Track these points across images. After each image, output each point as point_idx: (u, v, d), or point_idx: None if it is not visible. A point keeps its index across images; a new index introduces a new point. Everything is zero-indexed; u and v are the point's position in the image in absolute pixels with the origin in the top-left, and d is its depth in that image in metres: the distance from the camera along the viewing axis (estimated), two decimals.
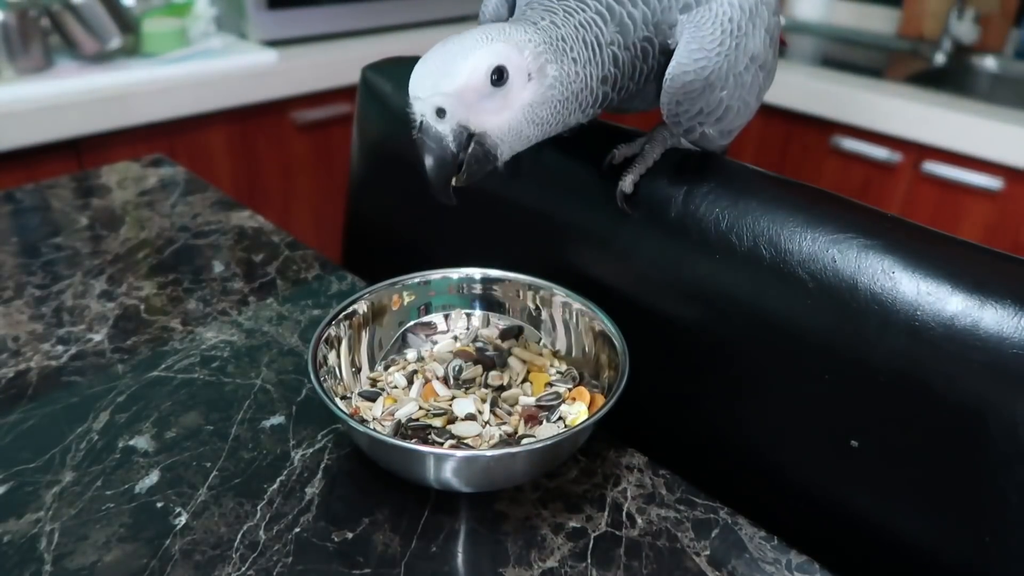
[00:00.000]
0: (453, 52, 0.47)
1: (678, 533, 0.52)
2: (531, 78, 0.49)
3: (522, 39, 0.48)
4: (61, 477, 0.53)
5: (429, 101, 0.47)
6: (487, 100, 0.47)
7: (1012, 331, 0.46)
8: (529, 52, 0.48)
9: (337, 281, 0.78)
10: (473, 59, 0.46)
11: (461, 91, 0.46)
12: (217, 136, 1.51)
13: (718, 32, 0.53)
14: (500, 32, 0.48)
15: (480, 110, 0.48)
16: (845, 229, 0.53)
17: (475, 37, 0.48)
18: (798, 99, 1.69)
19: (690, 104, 0.54)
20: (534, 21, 0.50)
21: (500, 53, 0.47)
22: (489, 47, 0.47)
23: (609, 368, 0.57)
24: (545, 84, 0.50)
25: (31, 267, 0.78)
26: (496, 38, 0.48)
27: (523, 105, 0.49)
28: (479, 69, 0.46)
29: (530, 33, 0.49)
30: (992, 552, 0.48)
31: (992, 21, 1.89)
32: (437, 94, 0.47)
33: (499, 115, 0.48)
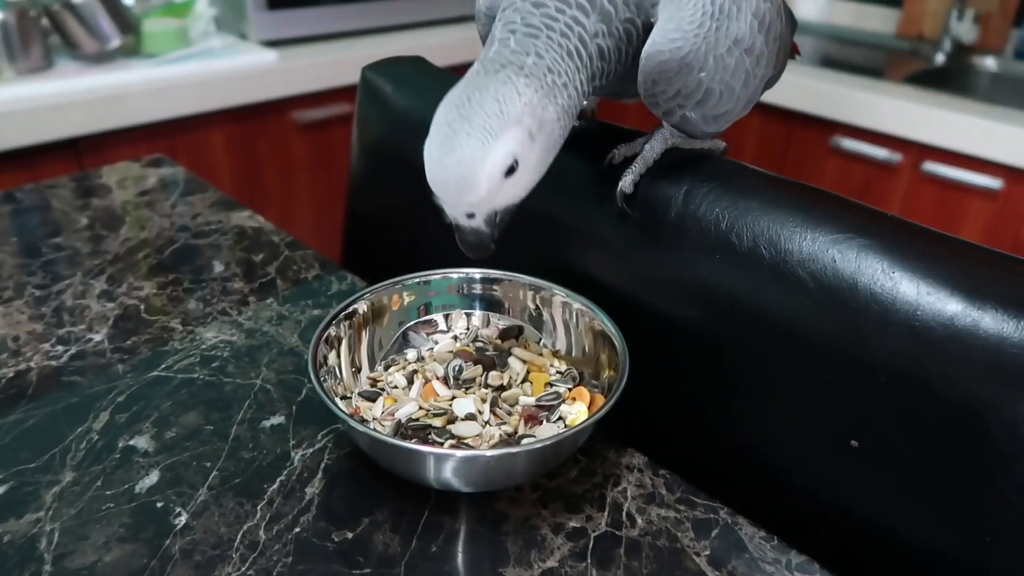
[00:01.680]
0: (465, 162, 0.46)
1: (678, 533, 0.52)
2: (534, 137, 0.49)
3: (519, 109, 0.47)
4: (61, 477, 0.53)
5: (457, 208, 0.49)
6: (504, 187, 0.49)
7: (1012, 331, 0.46)
8: (528, 116, 0.48)
9: (337, 281, 0.78)
10: (487, 169, 0.46)
11: (484, 198, 0.48)
12: (217, 136, 1.51)
13: (698, 13, 0.52)
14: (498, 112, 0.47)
15: (501, 196, 0.49)
16: (845, 229, 0.53)
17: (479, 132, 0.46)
18: (798, 99, 1.69)
19: (666, 84, 0.53)
20: (520, 64, 0.48)
21: (509, 148, 0.47)
22: (498, 147, 0.46)
23: (609, 368, 0.57)
24: (546, 132, 0.50)
25: (31, 267, 0.78)
26: (498, 128, 0.46)
27: (533, 166, 0.50)
28: (495, 176, 0.47)
29: (523, 91, 0.48)
30: (992, 552, 0.48)
31: (992, 21, 1.89)
32: (462, 204, 0.49)
33: (516, 188, 0.50)
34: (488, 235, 0.51)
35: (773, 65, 0.61)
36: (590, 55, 0.51)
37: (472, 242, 0.52)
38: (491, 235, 0.51)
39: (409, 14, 1.84)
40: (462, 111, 0.47)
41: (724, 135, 0.64)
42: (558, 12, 0.50)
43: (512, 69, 0.48)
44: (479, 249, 0.52)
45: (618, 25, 0.52)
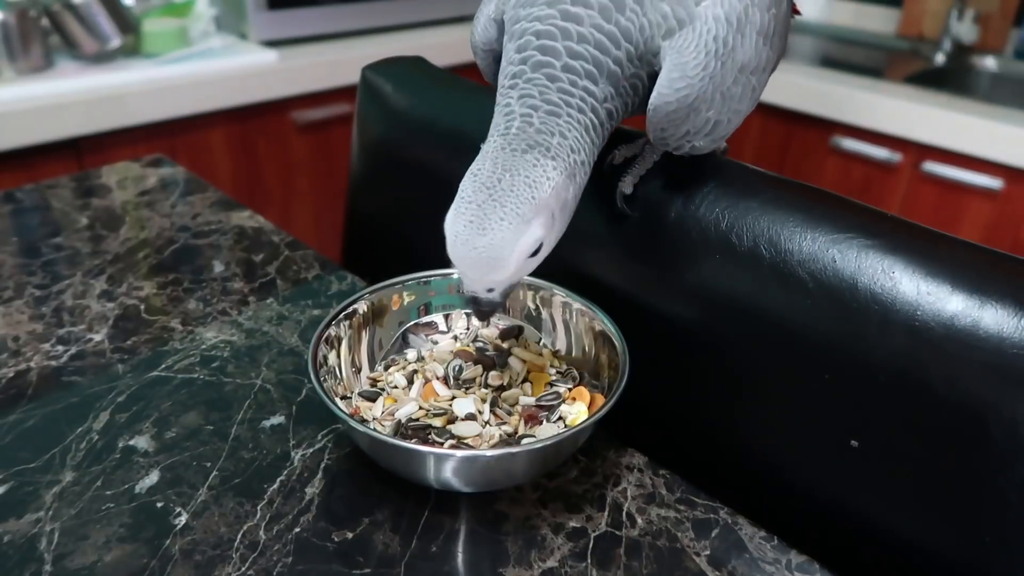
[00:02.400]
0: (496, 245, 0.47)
1: (678, 533, 0.52)
2: (556, 217, 0.49)
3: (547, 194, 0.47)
4: (61, 477, 0.53)
5: (478, 284, 0.50)
6: (528, 263, 0.50)
7: (1012, 331, 0.46)
8: (554, 200, 0.48)
9: (337, 281, 0.78)
10: (517, 253, 0.47)
11: (507, 279, 0.49)
12: (217, 136, 1.51)
13: (701, 56, 0.51)
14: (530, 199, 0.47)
15: (523, 271, 0.50)
16: (845, 229, 0.53)
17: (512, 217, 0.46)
18: (798, 99, 1.69)
19: (675, 129, 0.53)
20: (547, 146, 0.48)
21: (539, 232, 0.48)
22: (529, 233, 0.47)
23: (609, 368, 0.57)
24: (567, 210, 0.50)
25: (31, 267, 0.78)
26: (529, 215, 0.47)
27: (553, 242, 0.51)
28: (522, 258, 0.48)
29: (551, 176, 0.48)
30: (992, 552, 0.48)
31: (992, 21, 1.90)
32: (485, 281, 0.49)
33: (535, 265, 0.51)
34: (501, 304, 0.53)
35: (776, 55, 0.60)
36: (601, 123, 0.51)
37: (487, 311, 0.53)
38: (503, 303, 0.53)
39: (409, 14, 1.84)
40: (493, 193, 0.47)
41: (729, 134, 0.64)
42: (571, 85, 0.50)
43: (540, 151, 0.48)
44: (491, 315, 0.54)
45: (625, 84, 0.52)
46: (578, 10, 0.50)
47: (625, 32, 0.50)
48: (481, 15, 0.58)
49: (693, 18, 0.51)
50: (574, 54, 0.50)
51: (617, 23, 0.50)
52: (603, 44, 0.50)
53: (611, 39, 0.50)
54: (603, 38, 0.50)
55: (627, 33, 0.50)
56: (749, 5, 0.52)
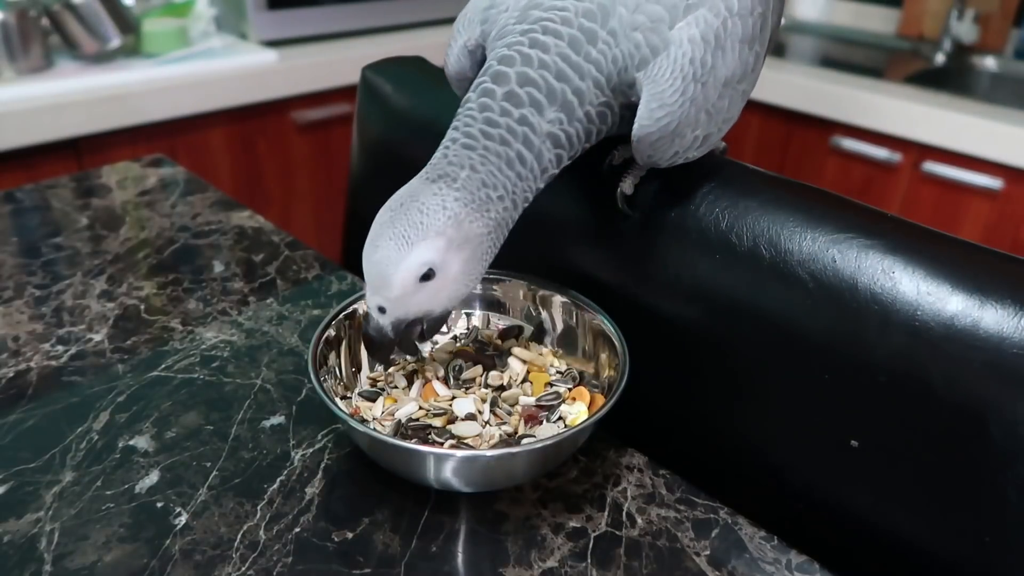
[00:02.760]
0: (383, 262, 0.49)
1: (678, 533, 0.52)
2: (458, 249, 0.50)
3: (441, 223, 0.48)
4: (61, 477, 0.53)
5: (373, 299, 0.51)
6: (419, 294, 0.50)
7: (1012, 331, 0.46)
8: (452, 229, 0.49)
9: (337, 281, 0.78)
10: (400, 272, 0.49)
11: (398, 298, 0.50)
12: (217, 136, 1.51)
13: (678, 82, 0.50)
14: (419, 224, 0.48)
15: (416, 303, 0.51)
16: (845, 229, 0.53)
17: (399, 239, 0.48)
18: (798, 99, 1.69)
19: (662, 152, 0.54)
20: (454, 177, 0.49)
21: (425, 256, 0.49)
22: (412, 256, 0.48)
23: (609, 368, 0.57)
24: (473, 245, 0.50)
25: (31, 267, 0.78)
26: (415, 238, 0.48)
27: (454, 277, 0.51)
28: (407, 279, 0.49)
29: (449, 206, 0.48)
30: (992, 552, 0.48)
31: (992, 21, 1.89)
32: (377, 296, 0.51)
33: (434, 298, 0.51)
34: (390, 340, 0.53)
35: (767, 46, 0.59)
36: (539, 152, 0.51)
37: (373, 337, 0.53)
38: (394, 341, 0.53)
39: (409, 14, 1.84)
40: (392, 215, 0.49)
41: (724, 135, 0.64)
42: (502, 115, 0.50)
43: (446, 181, 0.49)
44: (379, 348, 0.54)
45: (587, 110, 0.51)
46: (547, 39, 0.50)
47: (595, 63, 0.50)
48: (455, 45, 0.58)
49: (668, 43, 0.50)
50: (525, 80, 0.50)
51: (586, 55, 0.50)
52: (564, 73, 0.50)
53: (575, 69, 0.50)
54: (566, 67, 0.50)
55: (597, 64, 0.50)
56: (727, 18, 0.51)
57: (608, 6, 0.50)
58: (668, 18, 0.50)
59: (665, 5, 0.50)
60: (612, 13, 0.50)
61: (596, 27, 0.50)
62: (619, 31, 0.50)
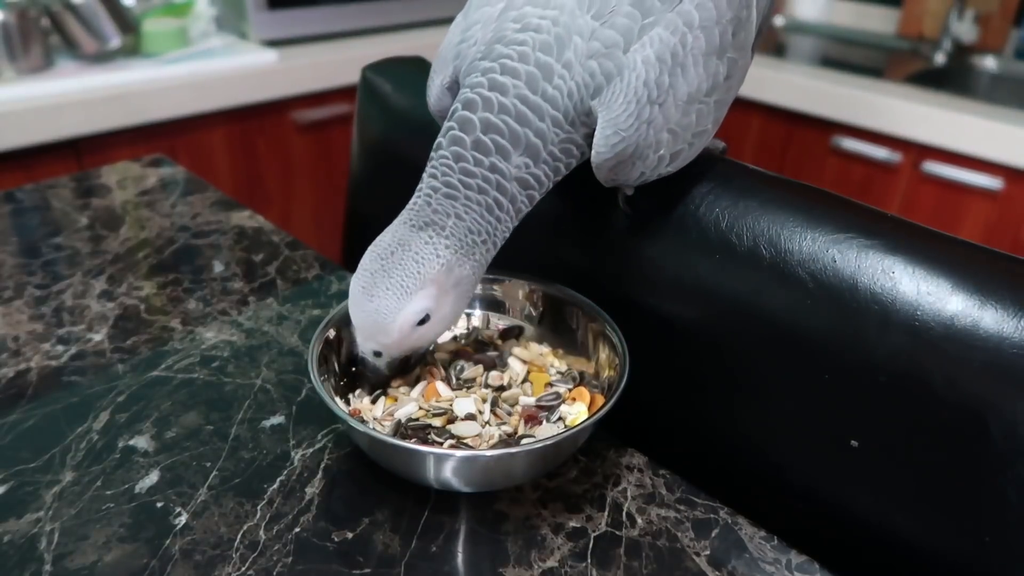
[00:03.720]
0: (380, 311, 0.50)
1: (678, 533, 0.52)
2: (448, 292, 0.52)
3: (435, 270, 0.50)
4: (61, 477, 0.53)
5: (367, 344, 0.53)
6: (414, 335, 0.52)
7: (1012, 331, 0.46)
8: (443, 275, 0.50)
9: (337, 281, 0.78)
10: (399, 321, 0.50)
11: (393, 343, 0.52)
12: (217, 136, 1.51)
13: (632, 106, 0.50)
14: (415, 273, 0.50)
15: (412, 341, 0.53)
16: (845, 229, 0.53)
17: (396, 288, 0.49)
18: (798, 99, 1.69)
19: (625, 176, 0.54)
20: (442, 226, 0.50)
21: (423, 304, 0.50)
22: (411, 305, 0.50)
23: (609, 368, 0.57)
24: (463, 287, 0.53)
25: (31, 267, 0.78)
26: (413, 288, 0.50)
27: (445, 317, 0.53)
28: (405, 326, 0.51)
29: (441, 253, 0.50)
30: (992, 552, 0.48)
31: (992, 21, 1.90)
32: (371, 342, 0.53)
33: (427, 337, 0.54)
34: (387, 377, 0.57)
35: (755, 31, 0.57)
36: (513, 197, 0.52)
37: (370, 375, 0.56)
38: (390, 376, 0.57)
39: (409, 14, 1.84)
40: (385, 264, 0.50)
41: (724, 135, 0.64)
42: (476, 165, 0.50)
43: (435, 229, 0.50)
44: (375, 379, 0.57)
45: (552, 149, 0.52)
46: (505, 80, 0.50)
47: (552, 100, 0.50)
48: (434, 84, 0.58)
49: (621, 68, 0.50)
50: (488, 127, 0.50)
51: (543, 93, 0.50)
52: (524, 116, 0.50)
53: (534, 110, 0.50)
54: (525, 109, 0.50)
55: (553, 101, 0.50)
56: (686, 33, 0.50)
57: (564, 36, 0.50)
58: (623, 42, 0.50)
59: (619, 29, 0.50)
60: (567, 44, 0.50)
61: (552, 60, 0.50)
62: (574, 61, 0.50)
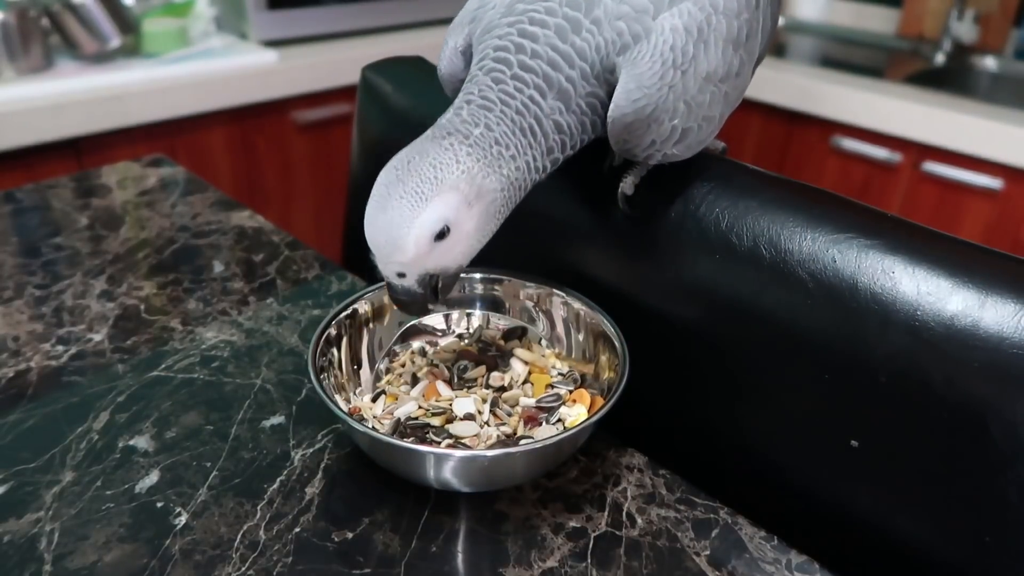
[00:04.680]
0: (395, 223, 0.47)
1: (678, 533, 0.52)
2: (471, 205, 0.49)
3: (455, 176, 0.48)
4: (61, 477, 0.53)
5: (388, 267, 0.50)
6: (435, 251, 0.49)
7: (1012, 331, 0.46)
8: (465, 183, 0.48)
9: (337, 281, 0.78)
10: (415, 232, 0.47)
11: (412, 260, 0.49)
12: (217, 136, 1.51)
13: (657, 66, 0.50)
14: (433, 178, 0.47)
15: (433, 260, 0.50)
16: (845, 229, 0.53)
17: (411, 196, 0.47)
18: (798, 99, 1.69)
19: (637, 139, 0.53)
20: (467, 133, 0.49)
21: (439, 212, 0.47)
22: (427, 212, 0.47)
23: (609, 370, 0.57)
24: (487, 201, 0.50)
25: (31, 267, 0.78)
26: (430, 193, 0.47)
27: (469, 234, 0.50)
28: (422, 239, 0.48)
29: (462, 159, 0.48)
30: (992, 552, 0.48)
31: (992, 21, 1.89)
32: (392, 263, 0.49)
33: (450, 254, 0.50)
34: (421, 295, 0.51)
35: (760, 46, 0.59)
36: (545, 132, 0.51)
37: (404, 300, 0.52)
38: (426, 295, 0.52)
39: (409, 14, 1.84)
40: (399, 174, 0.48)
41: (724, 135, 0.64)
42: (516, 91, 0.51)
43: (457, 137, 0.49)
44: (413, 307, 0.53)
45: (579, 101, 0.52)
46: (535, 29, 0.51)
47: (580, 52, 0.51)
48: (447, 47, 0.59)
49: (649, 32, 0.51)
50: (525, 67, 0.51)
51: (572, 43, 0.51)
52: (555, 61, 0.51)
53: (564, 58, 0.51)
54: (556, 56, 0.51)
55: (582, 53, 0.51)
56: (712, 14, 0.52)
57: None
58: (652, 9, 0.51)
59: None
60: (597, 3, 0.51)
61: (580, 16, 0.51)
62: (603, 20, 0.51)
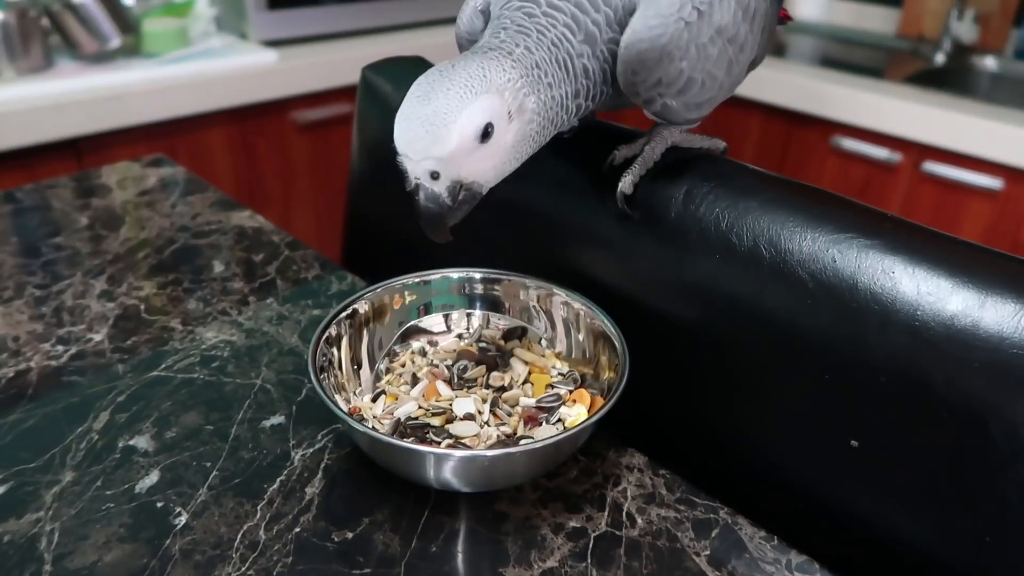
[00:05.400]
0: (440, 112, 0.46)
1: (678, 533, 0.52)
2: (512, 118, 0.48)
3: (502, 80, 0.47)
4: (61, 477, 0.53)
5: (421, 165, 0.47)
6: (475, 154, 0.48)
7: (1012, 331, 0.46)
8: (509, 92, 0.48)
9: (337, 281, 0.78)
10: (462, 121, 0.46)
11: (452, 155, 0.47)
12: (217, 136, 1.51)
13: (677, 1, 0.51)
14: (481, 76, 0.47)
15: (469, 164, 0.48)
16: (845, 229, 0.53)
17: (459, 88, 0.46)
18: (798, 99, 1.69)
19: (647, 74, 0.52)
20: (509, 50, 0.49)
21: (486, 109, 0.46)
22: (476, 104, 0.46)
23: (609, 370, 0.57)
24: (524, 120, 0.49)
25: (31, 267, 0.78)
26: (479, 88, 0.46)
27: (506, 148, 0.49)
28: (467, 132, 0.46)
29: (507, 69, 0.48)
30: (992, 552, 0.48)
31: (992, 21, 1.89)
32: (429, 158, 0.47)
33: (486, 163, 0.49)
34: (448, 207, 0.49)
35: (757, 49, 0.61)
36: (576, 72, 0.52)
37: (431, 210, 0.49)
38: (450, 209, 0.49)
39: (409, 14, 1.84)
40: (444, 74, 0.47)
41: (724, 135, 0.64)
42: (550, 25, 0.51)
43: (500, 52, 0.48)
44: (436, 224, 0.50)
45: (602, 47, 0.52)
46: None
47: None
48: (467, 6, 0.59)
49: None
50: (553, 6, 0.51)
51: None
52: (582, 5, 0.51)
53: (591, 1, 0.52)
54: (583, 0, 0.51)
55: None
56: None
57: None
58: None
59: None
60: None
61: None
62: None
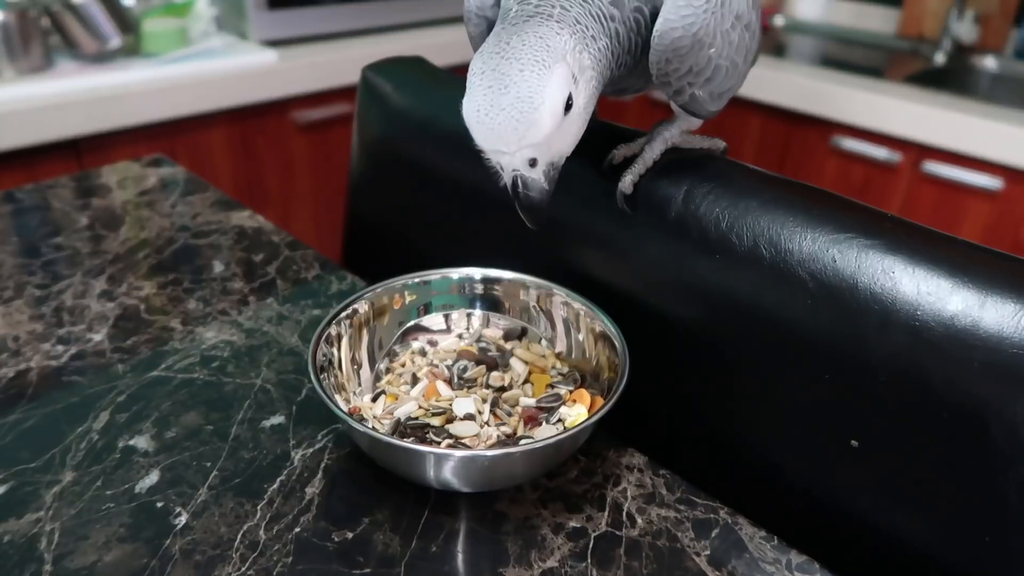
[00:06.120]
0: (524, 96, 0.43)
1: (678, 533, 0.52)
2: (577, 80, 0.46)
3: (561, 45, 0.45)
4: (61, 477, 0.53)
5: (519, 155, 0.45)
6: (562, 125, 0.46)
7: (1012, 331, 0.46)
8: (571, 55, 0.46)
9: (337, 281, 0.78)
10: (548, 100, 0.44)
11: (548, 136, 0.45)
12: (217, 136, 1.51)
13: None
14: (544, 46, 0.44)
15: (558, 138, 0.47)
16: (845, 229, 0.53)
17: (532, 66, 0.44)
18: (798, 99, 1.69)
19: (679, 62, 0.52)
20: (548, 13, 0.47)
21: (562, 79, 0.44)
22: (554, 78, 0.44)
23: (609, 370, 0.57)
24: (586, 78, 0.47)
25: (31, 267, 0.78)
26: (549, 60, 0.44)
27: (581, 112, 0.47)
28: (557, 108, 0.44)
29: (560, 32, 0.46)
30: (992, 552, 0.48)
31: (992, 21, 1.89)
32: (527, 146, 0.45)
33: (569, 134, 0.47)
34: (547, 192, 0.47)
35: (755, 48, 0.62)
36: (611, 31, 0.50)
37: (536, 199, 0.47)
38: (549, 193, 0.47)
39: (409, 14, 1.83)
40: (505, 55, 0.44)
41: (724, 135, 0.64)
42: None
43: (541, 18, 0.46)
44: (538, 210, 0.48)
45: (629, 14, 0.51)
46: None
47: None
48: None
49: None
50: None
51: None
52: None
53: None
54: None
55: None
56: None
57: None
58: None
59: None
60: None
61: None
62: None
